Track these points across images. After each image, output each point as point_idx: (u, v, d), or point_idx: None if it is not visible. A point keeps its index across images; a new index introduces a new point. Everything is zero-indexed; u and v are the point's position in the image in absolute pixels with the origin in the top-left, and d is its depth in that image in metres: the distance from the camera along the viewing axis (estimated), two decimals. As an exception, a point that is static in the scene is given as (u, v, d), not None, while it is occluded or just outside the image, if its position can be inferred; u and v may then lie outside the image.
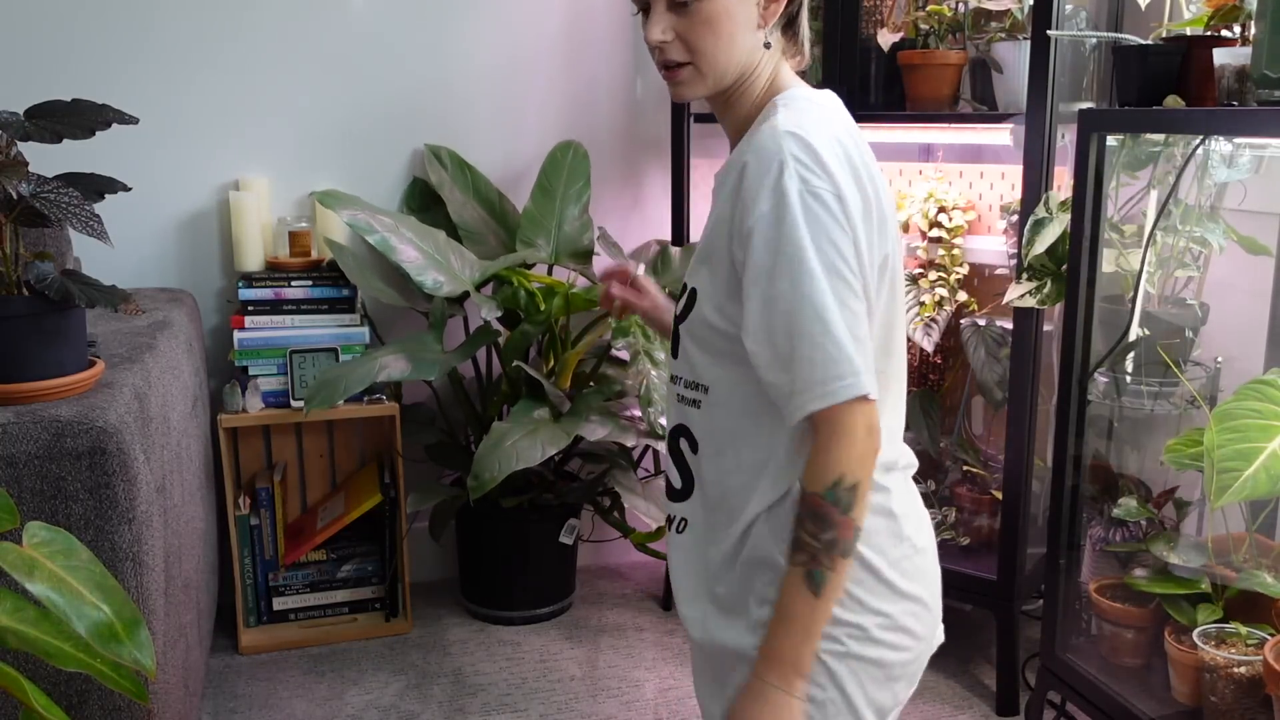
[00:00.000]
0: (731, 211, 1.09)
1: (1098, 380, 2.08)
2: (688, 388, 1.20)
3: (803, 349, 1.04)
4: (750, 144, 1.10)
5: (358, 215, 2.55)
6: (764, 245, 1.06)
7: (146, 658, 1.17)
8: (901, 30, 2.43)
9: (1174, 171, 2.01)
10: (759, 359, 1.08)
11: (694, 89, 1.17)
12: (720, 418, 1.18)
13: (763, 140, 1.08)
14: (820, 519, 1.06)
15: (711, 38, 1.13)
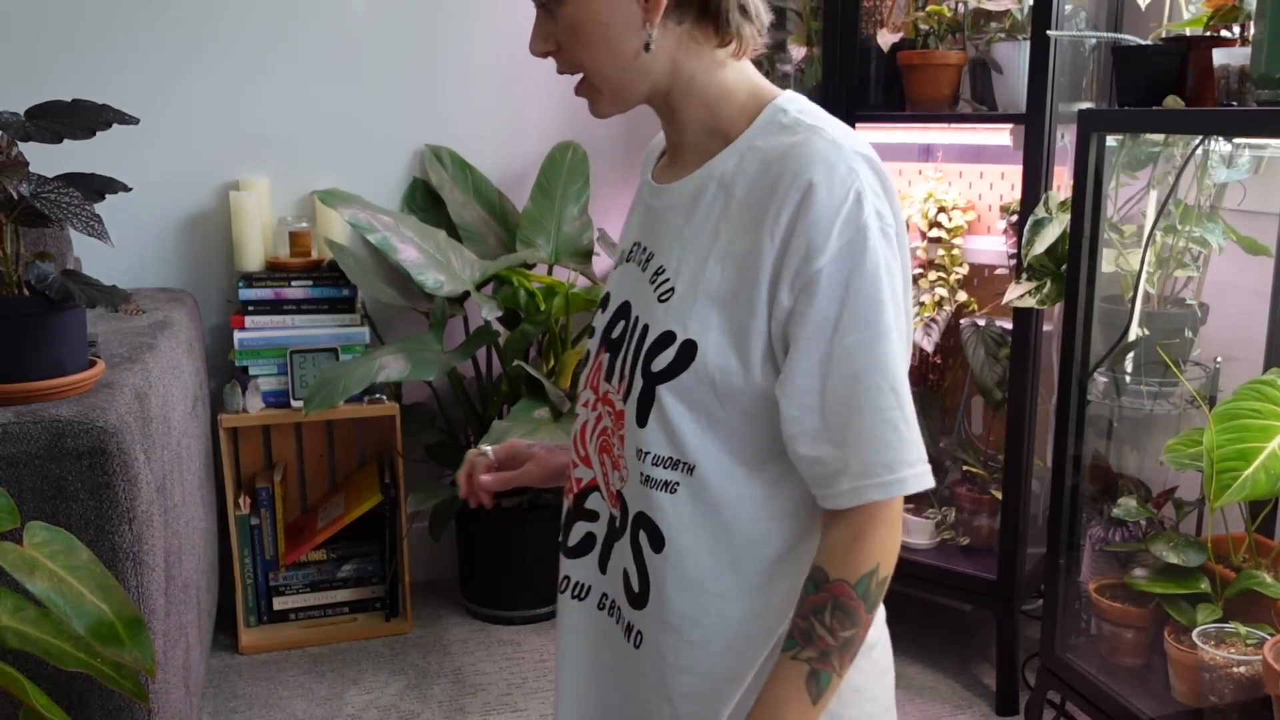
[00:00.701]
0: (783, 241, 0.88)
1: (1097, 380, 2.08)
2: (660, 465, 0.95)
3: (869, 425, 0.87)
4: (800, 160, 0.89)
5: (359, 214, 2.55)
6: (832, 292, 0.87)
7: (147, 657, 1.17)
8: (901, 30, 2.43)
9: (1173, 172, 2.01)
10: (798, 427, 0.89)
11: (599, 104, 0.98)
12: (708, 506, 0.95)
13: (826, 157, 0.89)
14: (845, 613, 0.89)
15: (580, 46, 0.95)
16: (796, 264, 0.88)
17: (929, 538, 2.53)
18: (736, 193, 0.94)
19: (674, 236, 0.99)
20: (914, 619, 2.71)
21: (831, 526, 0.91)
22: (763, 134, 0.95)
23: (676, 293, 0.95)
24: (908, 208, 2.62)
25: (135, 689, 1.23)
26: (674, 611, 0.97)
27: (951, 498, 2.59)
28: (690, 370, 0.92)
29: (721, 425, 0.93)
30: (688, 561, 0.96)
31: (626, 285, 1.04)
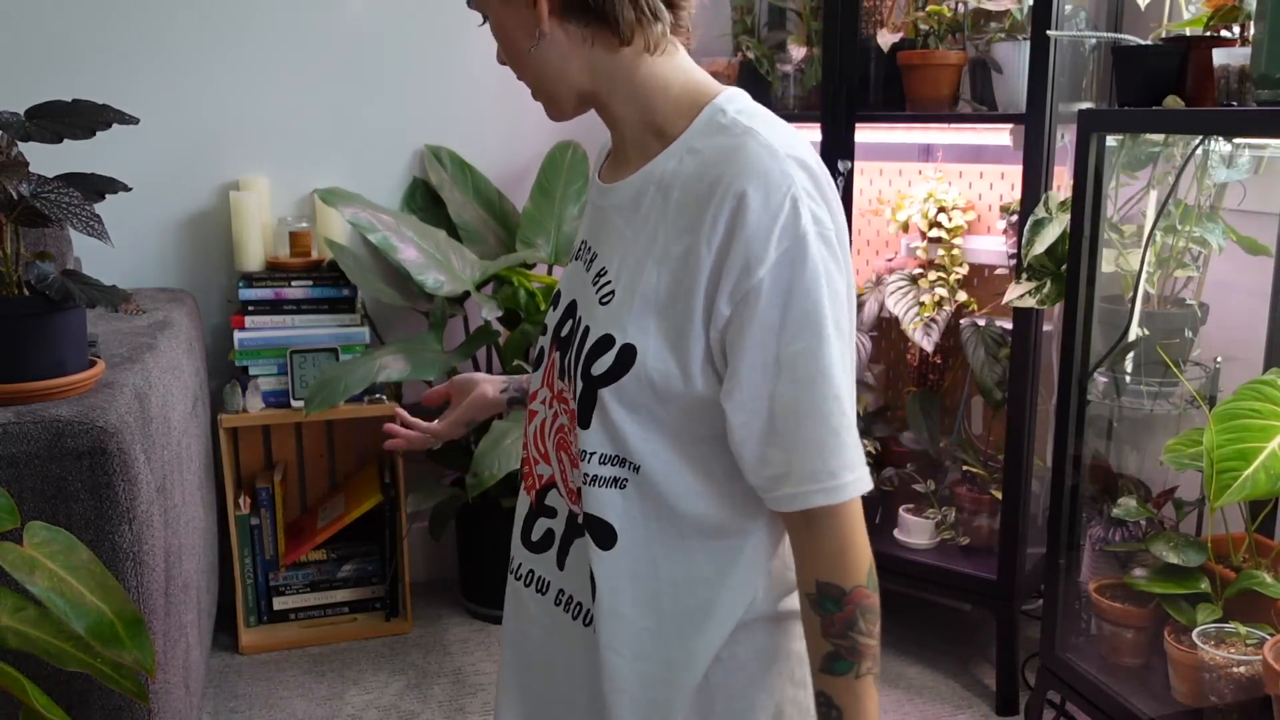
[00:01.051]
0: (720, 251, 0.88)
1: (1097, 380, 2.08)
2: (605, 464, 0.95)
3: (811, 431, 0.88)
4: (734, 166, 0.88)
5: (360, 214, 2.55)
6: (773, 300, 0.87)
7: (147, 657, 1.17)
8: (901, 30, 2.43)
9: (1173, 172, 2.01)
10: (744, 430, 0.90)
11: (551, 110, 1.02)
12: (656, 501, 0.95)
13: (759, 164, 0.88)
14: (872, 611, 0.92)
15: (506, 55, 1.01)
16: (735, 275, 0.87)
17: (929, 538, 2.53)
18: (673, 195, 0.93)
19: (616, 237, 0.98)
20: (914, 619, 2.71)
21: (811, 536, 0.91)
22: (701, 135, 0.94)
23: (616, 296, 0.95)
24: (908, 208, 2.62)
25: (135, 689, 1.23)
26: (625, 602, 0.97)
27: (951, 498, 2.60)
28: (630, 374, 0.92)
29: (665, 425, 0.94)
30: (640, 555, 0.97)
31: (574, 284, 1.04)
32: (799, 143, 0.93)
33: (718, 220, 0.88)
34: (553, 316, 1.06)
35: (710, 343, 0.90)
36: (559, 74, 0.97)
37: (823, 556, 0.91)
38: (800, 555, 0.93)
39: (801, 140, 0.94)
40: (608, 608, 0.98)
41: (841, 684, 0.92)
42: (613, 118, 1.00)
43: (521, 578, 1.09)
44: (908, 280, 2.57)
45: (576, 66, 0.97)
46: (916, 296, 2.54)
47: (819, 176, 0.91)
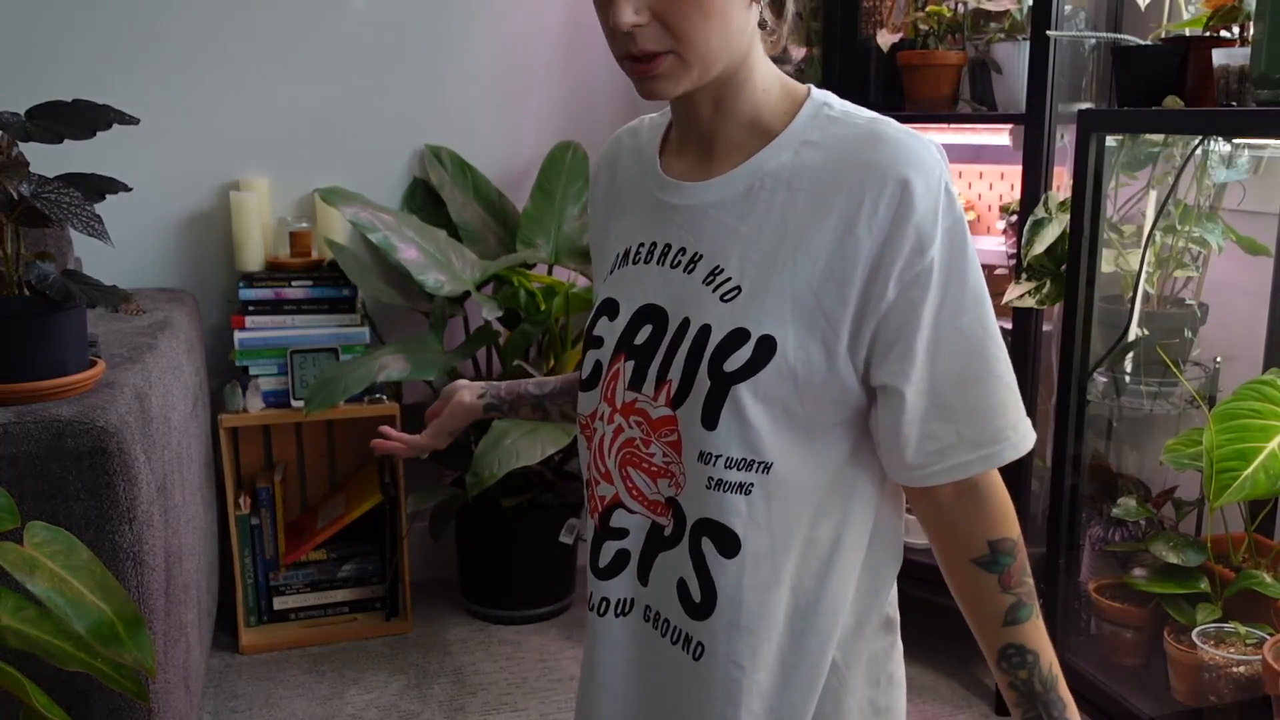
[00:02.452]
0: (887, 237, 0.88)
1: (1097, 380, 2.08)
2: (733, 467, 0.93)
3: (989, 395, 0.92)
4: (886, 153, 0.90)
5: (360, 213, 2.55)
6: (944, 279, 0.89)
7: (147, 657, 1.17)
8: (901, 31, 2.43)
9: (1173, 172, 2.02)
10: (914, 410, 0.91)
11: (676, 83, 0.91)
12: (783, 503, 0.94)
13: (913, 150, 0.90)
14: (1027, 560, 0.97)
15: (700, 17, 0.89)
16: (905, 258, 0.88)
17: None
18: (802, 187, 0.92)
19: (726, 234, 0.95)
20: (914, 619, 2.70)
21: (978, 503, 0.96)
22: (813, 128, 0.94)
23: (745, 290, 0.92)
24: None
25: (135, 689, 1.23)
26: (748, 613, 0.95)
27: (951, 498, 2.59)
28: (770, 366, 0.90)
29: (798, 419, 0.93)
30: (764, 561, 0.95)
31: (645, 287, 0.99)
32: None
33: (878, 206, 0.89)
34: (611, 326, 1.01)
35: (862, 327, 0.90)
36: (734, 47, 0.92)
37: (994, 516, 0.95)
38: (962, 525, 0.96)
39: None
40: (728, 619, 0.95)
41: (1029, 629, 0.96)
42: (725, 107, 0.97)
43: (594, 607, 1.04)
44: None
45: (744, 43, 0.93)
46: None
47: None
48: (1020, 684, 0.96)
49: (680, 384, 0.94)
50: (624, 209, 1.07)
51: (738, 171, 0.96)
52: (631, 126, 1.11)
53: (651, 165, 1.04)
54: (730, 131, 0.97)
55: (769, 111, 0.96)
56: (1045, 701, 0.96)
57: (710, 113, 0.97)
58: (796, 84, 0.99)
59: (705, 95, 0.96)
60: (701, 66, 0.91)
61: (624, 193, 1.08)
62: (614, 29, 0.89)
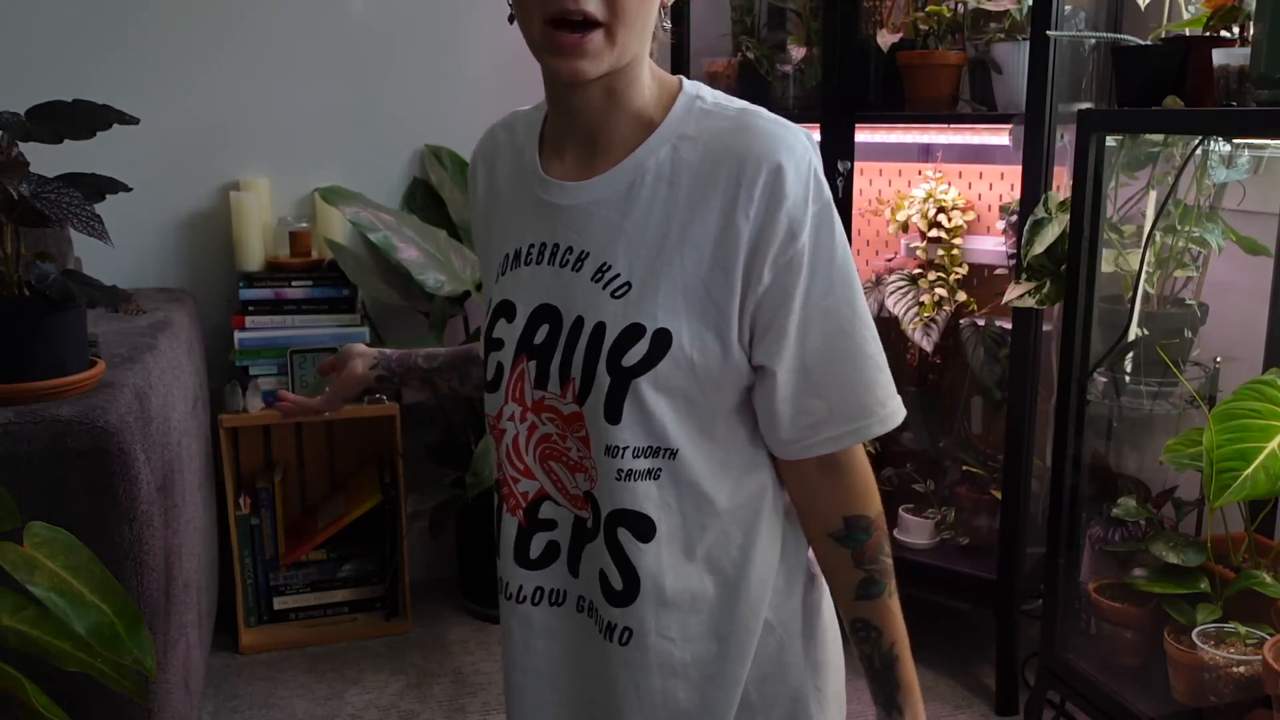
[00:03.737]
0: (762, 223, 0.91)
1: (1097, 380, 2.08)
2: (640, 456, 0.96)
3: (856, 372, 0.96)
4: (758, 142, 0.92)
5: (360, 213, 2.55)
6: (815, 262, 0.93)
7: (147, 657, 1.17)
8: (901, 31, 2.43)
9: (1173, 172, 2.01)
10: (787, 388, 0.95)
11: (598, 64, 0.90)
12: (690, 484, 0.98)
13: (782, 138, 0.92)
14: (887, 538, 1.02)
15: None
16: (779, 243, 0.92)
17: (929, 538, 2.53)
18: (682, 181, 0.94)
19: (613, 232, 0.97)
20: (914, 619, 2.70)
21: (838, 478, 0.99)
22: (689, 122, 0.96)
23: (635, 286, 0.95)
24: (908, 208, 2.62)
25: (135, 689, 1.23)
26: (672, 591, 0.99)
27: (951, 498, 2.60)
28: (668, 358, 0.93)
29: (698, 405, 0.96)
30: (678, 540, 0.99)
31: (542, 288, 1.00)
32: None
33: (753, 194, 0.91)
34: (509, 328, 1.02)
35: (747, 312, 0.94)
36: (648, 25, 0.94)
37: (852, 492, 0.99)
38: (821, 499, 1.01)
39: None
40: (653, 599, 0.99)
41: (878, 605, 1.01)
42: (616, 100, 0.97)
43: (526, 598, 1.06)
44: (907, 280, 2.57)
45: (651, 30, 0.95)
46: (916, 296, 2.54)
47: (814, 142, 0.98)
48: (865, 658, 1.03)
49: (582, 381, 0.96)
50: (506, 208, 1.08)
51: (619, 169, 0.97)
52: (506, 122, 1.12)
53: (532, 165, 1.04)
54: (617, 125, 0.98)
55: (650, 105, 0.98)
56: (883, 679, 1.02)
57: (601, 103, 0.97)
58: (667, 75, 1.01)
59: (599, 87, 0.96)
60: (622, 49, 0.91)
61: (504, 192, 1.08)
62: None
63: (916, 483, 2.62)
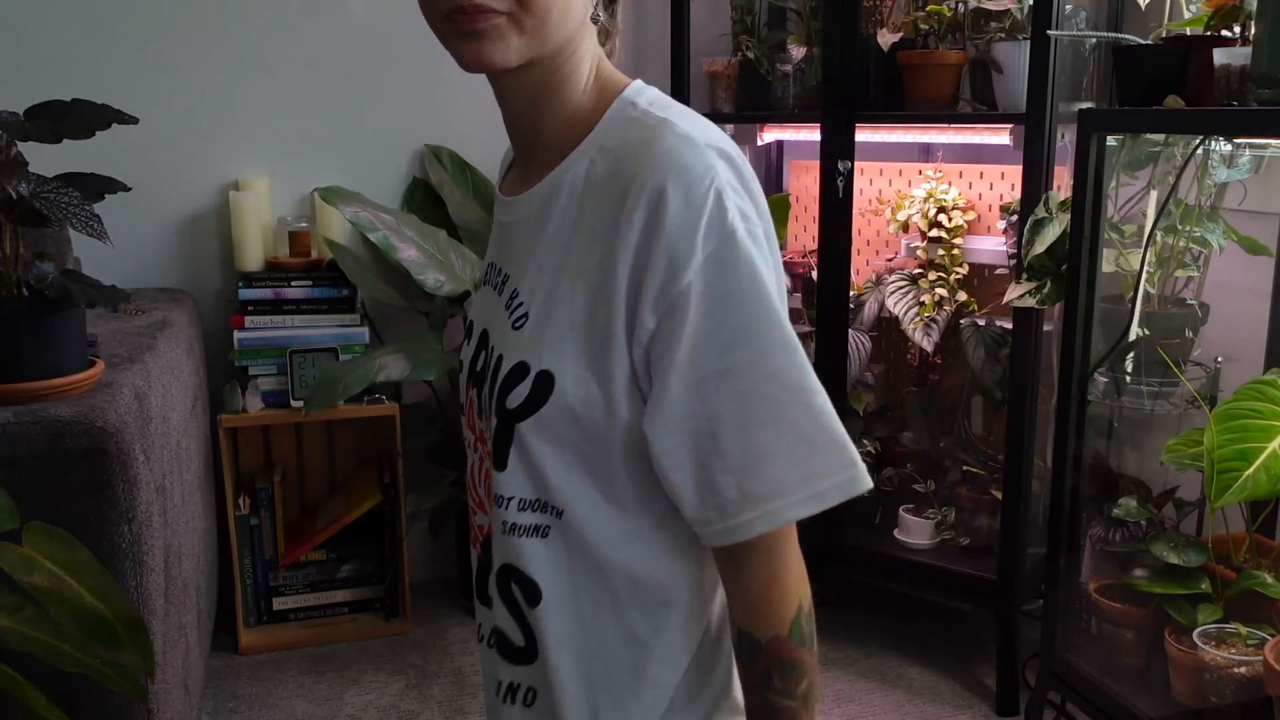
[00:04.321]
0: (639, 255, 0.78)
1: (1097, 380, 2.08)
2: (526, 510, 0.85)
3: (772, 441, 0.78)
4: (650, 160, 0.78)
5: (360, 213, 2.55)
6: (704, 307, 0.77)
7: (146, 658, 1.17)
8: (901, 30, 2.43)
9: (1174, 172, 2.01)
10: (678, 456, 0.79)
11: (505, 48, 0.80)
12: (582, 551, 0.85)
13: (677, 156, 0.78)
14: (793, 668, 0.81)
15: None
16: (659, 281, 0.77)
17: (929, 538, 2.53)
18: (587, 200, 0.83)
19: (526, 254, 0.87)
20: (914, 619, 2.71)
21: (734, 577, 0.82)
22: (612, 132, 0.84)
23: (530, 318, 0.84)
24: (908, 208, 2.62)
25: (134, 689, 1.23)
26: (562, 665, 0.87)
27: (951, 498, 2.59)
28: (550, 404, 0.81)
29: (589, 462, 0.83)
30: (568, 612, 0.86)
31: (485, 312, 0.93)
32: (718, 133, 0.83)
33: (633, 220, 0.77)
34: (467, 350, 0.95)
35: (634, 361, 0.80)
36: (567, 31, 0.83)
37: (746, 598, 0.82)
38: (729, 594, 0.84)
39: (719, 131, 0.83)
40: (542, 667, 0.88)
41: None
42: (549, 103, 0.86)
43: (484, 638, 0.96)
44: (908, 280, 2.57)
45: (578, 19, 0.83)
46: (916, 296, 2.53)
47: (742, 169, 0.81)
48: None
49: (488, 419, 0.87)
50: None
51: (542, 184, 0.87)
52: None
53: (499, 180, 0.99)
54: (548, 130, 0.88)
55: (584, 109, 0.87)
56: None
57: (530, 104, 0.87)
58: (617, 78, 0.89)
59: (526, 82, 0.85)
60: (535, 36, 0.80)
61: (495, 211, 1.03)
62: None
63: (917, 483, 2.62)
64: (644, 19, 2.91)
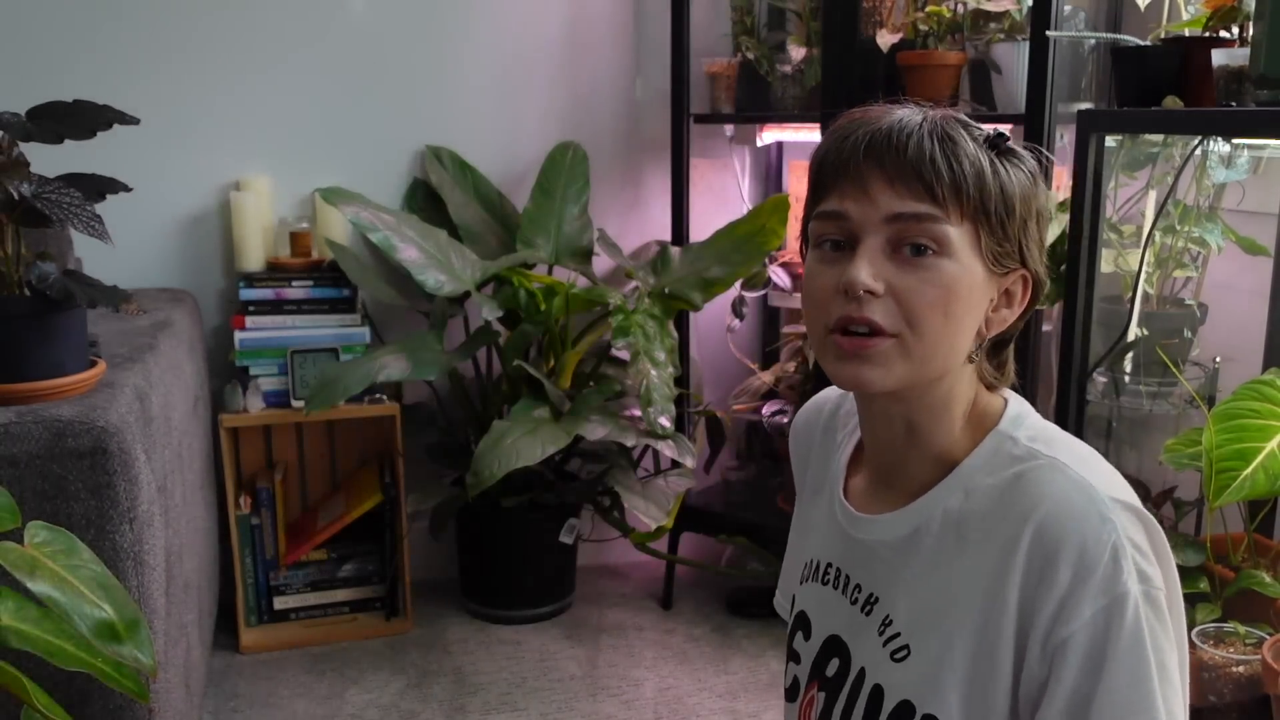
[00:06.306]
0: (1028, 603, 0.78)
1: (1096, 380, 2.08)
2: None
3: None
4: (1044, 506, 0.78)
5: (361, 213, 2.55)
6: (1084, 666, 0.76)
7: (147, 657, 1.17)
8: (901, 31, 2.43)
9: (1172, 172, 2.02)
10: None
11: (888, 373, 0.82)
12: None
13: (1072, 506, 0.78)
14: None
15: (941, 311, 0.81)
16: (1045, 628, 0.77)
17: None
18: (969, 537, 0.83)
19: (893, 578, 0.88)
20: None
21: None
22: (990, 467, 0.85)
23: (913, 654, 0.85)
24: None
25: (136, 688, 1.23)
26: None
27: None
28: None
29: None
30: None
31: (832, 615, 0.93)
32: (1121, 482, 0.83)
33: (1020, 566, 0.78)
34: (805, 645, 0.95)
35: (1019, 706, 0.80)
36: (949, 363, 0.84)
37: None
38: None
39: (1123, 480, 0.84)
40: None
41: None
42: (918, 433, 0.88)
43: None
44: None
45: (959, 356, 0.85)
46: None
47: (1149, 525, 0.80)
48: None
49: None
50: (813, 499, 1.01)
51: (907, 510, 0.88)
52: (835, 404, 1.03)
53: (837, 480, 0.97)
54: (914, 462, 0.89)
55: (954, 444, 0.88)
56: None
57: (902, 441, 0.89)
58: (994, 404, 0.90)
59: (900, 414, 0.87)
60: (919, 365, 0.82)
61: (816, 478, 1.02)
62: (840, 289, 0.81)
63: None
64: (644, 19, 2.92)
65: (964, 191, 0.81)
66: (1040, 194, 0.87)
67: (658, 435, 2.53)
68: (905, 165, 0.80)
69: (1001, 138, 0.86)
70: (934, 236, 0.81)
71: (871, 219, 0.82)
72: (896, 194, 0.81)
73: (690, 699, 2.42)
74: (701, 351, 3.06)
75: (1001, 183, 0.83)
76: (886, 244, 0.82)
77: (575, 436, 2.49)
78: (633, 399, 2.65)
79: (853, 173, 0.82)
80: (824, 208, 0.85)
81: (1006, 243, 0.84)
